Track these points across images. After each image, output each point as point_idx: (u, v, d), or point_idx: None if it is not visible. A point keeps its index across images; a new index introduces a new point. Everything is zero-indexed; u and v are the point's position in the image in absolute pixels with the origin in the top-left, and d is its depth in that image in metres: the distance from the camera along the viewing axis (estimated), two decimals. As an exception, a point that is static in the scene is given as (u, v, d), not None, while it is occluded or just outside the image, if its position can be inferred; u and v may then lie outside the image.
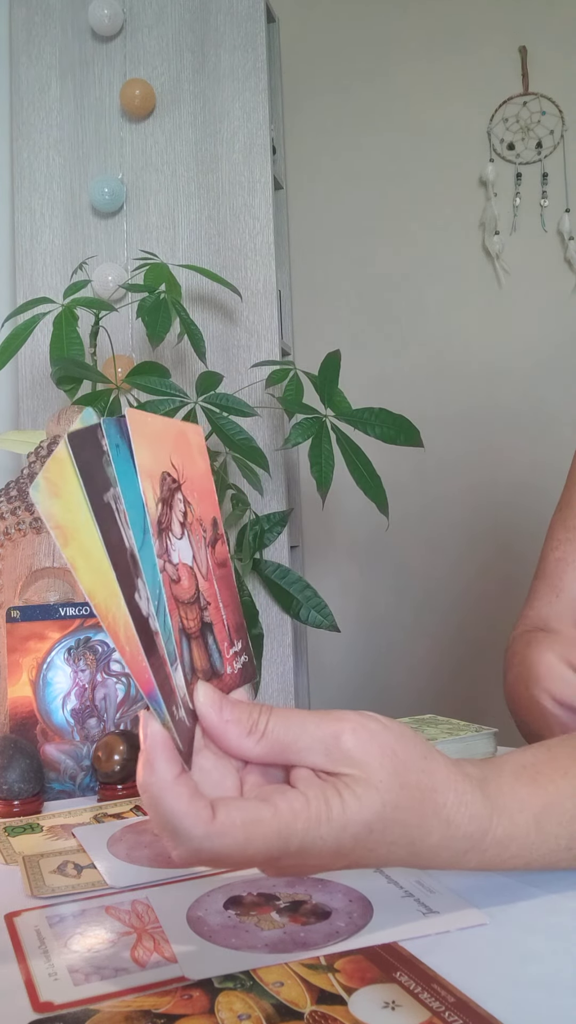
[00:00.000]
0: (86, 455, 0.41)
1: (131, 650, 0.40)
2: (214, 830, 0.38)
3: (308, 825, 0.40)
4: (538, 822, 0.46)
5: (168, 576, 0.42)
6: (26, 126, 2.19)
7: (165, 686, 0.41)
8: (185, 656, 0.43)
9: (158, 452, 0.43)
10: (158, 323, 1.67)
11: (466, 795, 0.44)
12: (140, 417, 0.43)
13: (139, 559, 0.41)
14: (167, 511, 0.43)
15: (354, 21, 2.53)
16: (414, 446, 1.67)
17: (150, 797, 0.39)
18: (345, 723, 0.43)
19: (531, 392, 2.32)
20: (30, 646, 0.80)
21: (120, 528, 0.41)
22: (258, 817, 0.39)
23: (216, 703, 0.42)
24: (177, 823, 0.38)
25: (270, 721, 0.42)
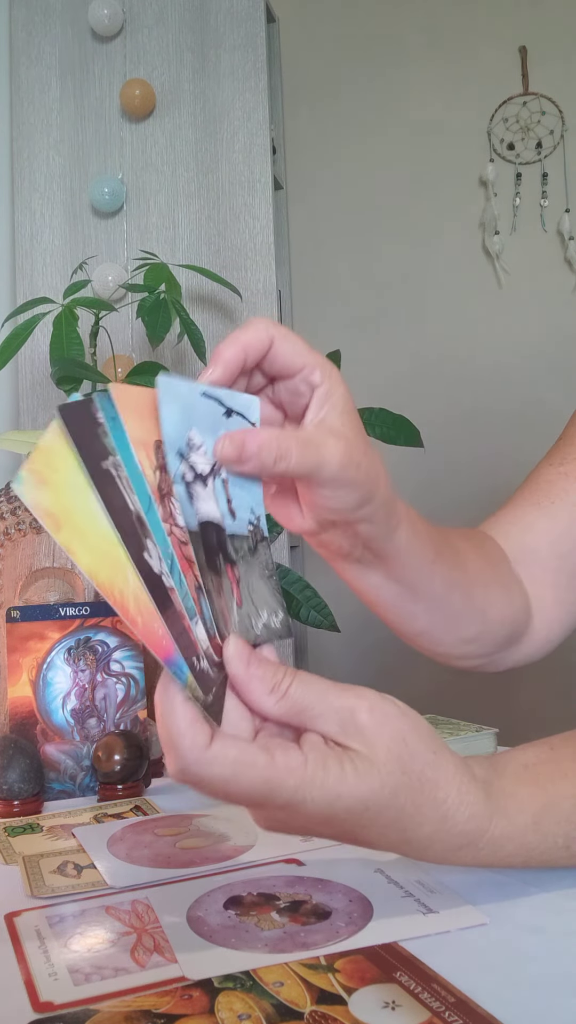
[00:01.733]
0: (79, 426, 0.41)
1: (144, 619, 0.40)
2: (205, 756, 0.40)
3: (299, 784, 0.41)
4: (536, 822, 0.47)
5: (176, 538, 0.43)
6: (26, 126, 2.19)
7: (183, 639, 0.41)
8: (206, 611, 0.43)
9: (148, 422, 0.43)
10: (158, 323, 1.67)
11: (468, 795, 0.45)
12: (125, 390, 0.43)
13: (147, 521, 0.41)
14: (166, 477, 0.43)
15: (354, 21, 2.53)
16: (414, 446, 1.67)
17: (159, 711, 0.41)
18: (364, 700, 0.44)
19: (531, 392, 2.32)
20: (30, 646, 0.80)
21: (124, 493, 0.41)
22: (251, 760, 0.41)
23: (244, 657, 0.43)
24: (176, 740, 0.40)
25: (293, 684, 0.43)
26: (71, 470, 0.41)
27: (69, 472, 0.41)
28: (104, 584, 0.40)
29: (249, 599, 0.47)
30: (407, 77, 2.47)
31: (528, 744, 0.51)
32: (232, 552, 0.46)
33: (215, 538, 0.45)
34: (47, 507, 0.40)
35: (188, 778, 0.41)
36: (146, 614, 0.41)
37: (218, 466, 0.45)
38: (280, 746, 0.42)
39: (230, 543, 0.46)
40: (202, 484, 0.45)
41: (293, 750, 0.42)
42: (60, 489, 0.41)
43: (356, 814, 0.43)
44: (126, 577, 0.41)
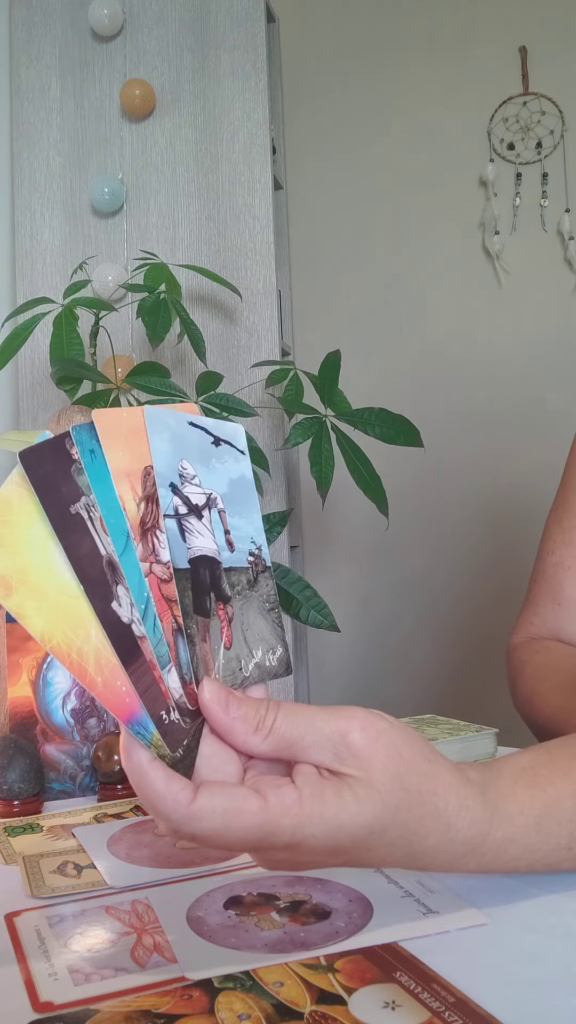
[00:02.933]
0: (45, 470, 0.39)
1: (105, 677, 0.39)
2: (192, 813, 0.39)
3: (297, 822, 0.40)
4: (538, 824, 0.46)
5: (156, 577, 0.41)
6: (26, 126, 2.19)
7: (151, 692, 0.40)
8: (183, 656, 0.42)
9: (136, 446, 0.41)
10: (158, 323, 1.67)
11: (467, 800, 0.44)
12: (110, 416, 0.41)
13: (119, 565, 0.39)
14: (152, 508, 0.41)
15: (354, 21, 2.53)
16: (414, 446, 1.67)
17: (131, 778, 0.40)
18: (353, 721, 0.42)
19: (531, 392, 2.32)
20: (30, 646, 0.80)
21: (94, 537, 0.39)
22: (241, 807, 0.40)
23: (222, 701, 0.42)
24: (157, 804, 0.39)
25: (277, 718, 0.42)
26: (29, 523, 0.39)
27: (27, 525, 0.39)
28: (59, 647, 0.38)
29: (242, 639, 0.45)
30: (407, 77, 2.47)
31: (525, 749, 0.51)
32: (227, 588, 0.44)
33: (207, 575, 0.43)
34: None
35: (182, 837, 0.40)
36: (108, 671, 0.39)
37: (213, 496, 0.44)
38: (271, 784, 0.41)
39: (226, 578, 0.44)
40: (196, 517, 0.43)
41: (286, 787, 0.41)
42: (15, 547, 0.38)
43: (361, 839, 0.42)
44: (88, 634, 0.39)
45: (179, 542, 0.42)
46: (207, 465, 0.44)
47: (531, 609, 0.96)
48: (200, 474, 0.44)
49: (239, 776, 0.43)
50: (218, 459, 0.45)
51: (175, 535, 0.42)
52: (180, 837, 0.41)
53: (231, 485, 0.45)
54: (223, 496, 0.45)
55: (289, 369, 1.79)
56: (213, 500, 0.44)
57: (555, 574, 0.95)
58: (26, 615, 0.38)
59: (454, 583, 2.39)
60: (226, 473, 0.45)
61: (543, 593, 0.95)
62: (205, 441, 0.44)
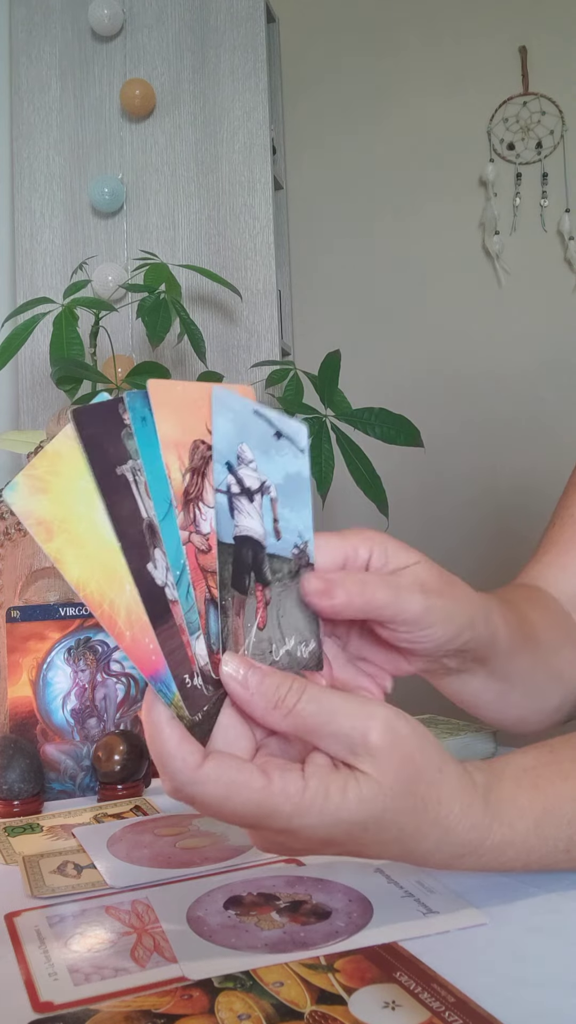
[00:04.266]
0: (95, 429, 0.40)
1: (134, 632, 0.39)
2: (197, 777, 0.40)
3: (296, 811, 0.40)
4: (537, 827, 0.46)
5: (195, 547, 0.42)
6: (26, 126, 2.19)
7: (177, 654, 0.40)
8: (212, 625, 0.42)
9: (188, 420, 0.42)
10: (158, 323, 1.67)
11: (470, 807, 0.44)
12: (165, 387, 0.42)
13: (158, 529, 0.40)
14: (198, 480, 0.42)
15: (354, 21, 2.53)
16: (414, 446, 1.67)
17: (147, 732, 0.41)
18: (376, 720, 0.42)
19: (531, 392, 2.32)
20: (30, 646, 0.80)
21: (137, 499, 0.40)
22: (245, 782, 0.40)
23: (240, 676, 0.42)
24: (165, 760, 0.40)
25: (300, 700, 0.42)
26: (77, 476, 0.40)
27: (74, 477, 0.40)
28: (92, 595, 0.39)
29: (276, 623, 0.45)
30: (407, 77, 2.47)
31: (528, 747, 0.51)
32: (268, 573, 0.45)
33: (250, 555, 0.44)
34: (40, 515, 0.39)
35: (181, 797, 0.41)
36: (137, 627, 0.39)
37: (267, 483, 0.45)
38: (279, 768, 0.41)
39: (268, 563, 0.45)
40: (247, 499, 0.44)
41: (293, 773, 0.41)
42: (60, 495, 0.39)
43: (356, 836, 0.42)
44: (123, 588, 0.39)
45: (227, 518, 0.43)
46: (266, 454, 0.45)
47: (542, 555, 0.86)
48: (258, 461, 0.45)
49: (251, 751, 0.43)
50: (277, 451, 0.46)
51: (224, 510, 0.43)
52: (180, 798, 0.41)
53: (287, 479, 0.46)
54: (277, 487, 0.46)
55: (289, 369, 1.79)
56: (266, 487, 0.45)
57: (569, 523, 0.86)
58: (64, 560, 0.39)
59: (454, 583, 2.39)
60: (284, 466, 0.46)
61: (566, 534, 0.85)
62: (267, 432, 0.46)
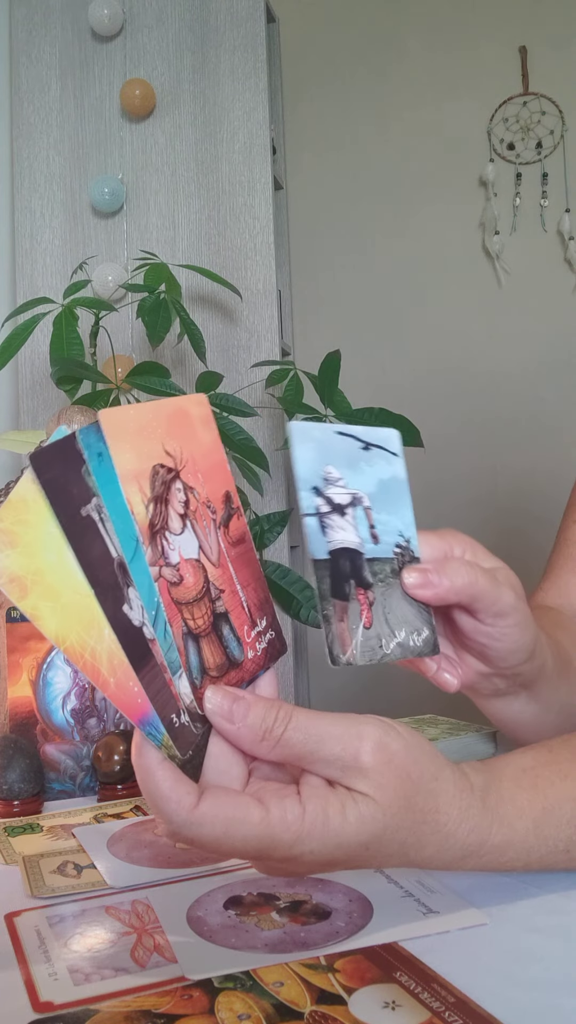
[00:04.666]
0: (54, 471, 0.38)
1: (118, 678, 0.39)
2: (193, 818, 0.39)
3: (297, 838, 0.40)
4: (537, 827, 0.46)
5: (166, 581, 0.41)
6: (26, 126, 2.19)
7: (162, 695, 0.40)
8: (192, 660, 0.42)
9: (144, 446, 0.41)
10: (158, 323, 1.67)
11: (468, 810, 0.44)
12: (117, 415, 0.40)
13: (129, 568, 0.39)
14: (162, 508, 0.42)
15: (354, 21, 2.53)
16: (414, 446, 1.67)
17: (139, 776, 0.40)
18: (366, 741, 0.42)
19: (531, 391, 2.32)
20: (30, 646, 0.80)
21: (105, 539, 0.39)
22: (244, 817, 0.39)
23: (225, 711, 0.41)
24: (160, 804, 0.40)
25: (287, 730, 0.41)
26: (44, 522, 0.38)
27: (42, 524, 0.38)
28: (73, 647, 0.38)
29: (383, 620, 0.48)
30: (407, 77, 2.47)
31: (527, 747, 0.51)
32: (368, 576, 0.48)
33: (348, 565, 0.47)
34: (13, 572, 0.38)
35: (180, 839, 0.40)
36: (120, 672, 0.39)
37: (359, 496, 0.48)
38: (275, 795, 0.41)
39: (368, 567, 0.48)
40: (339, 514, 0.47)
41: (290, 800, 0.40)
42: (30, 547, 0.38)
43: (356, 854, 0.42)
44: (101, 634, 0.39)
45: (319, 537, 0.46)
46: (354, 468, 0.48)
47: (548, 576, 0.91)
48: (347, 476, 0.48)
49: (244, 778, 0.43)
50: (367, 462, 0.49)
51: (315, 530, 0.46)
52: (178, 840, 0.41)
53: (380, 484, 0.50)
54: (372, 495, 0.49)
55: (289, 369, 1.79)
56: (358, 499, 0.48)
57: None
58: (40, 616, 0.38)
59: (454, 583, 2.39)
60: (375, 474, 0.50)
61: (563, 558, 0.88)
62: (354, 447, 0.49)
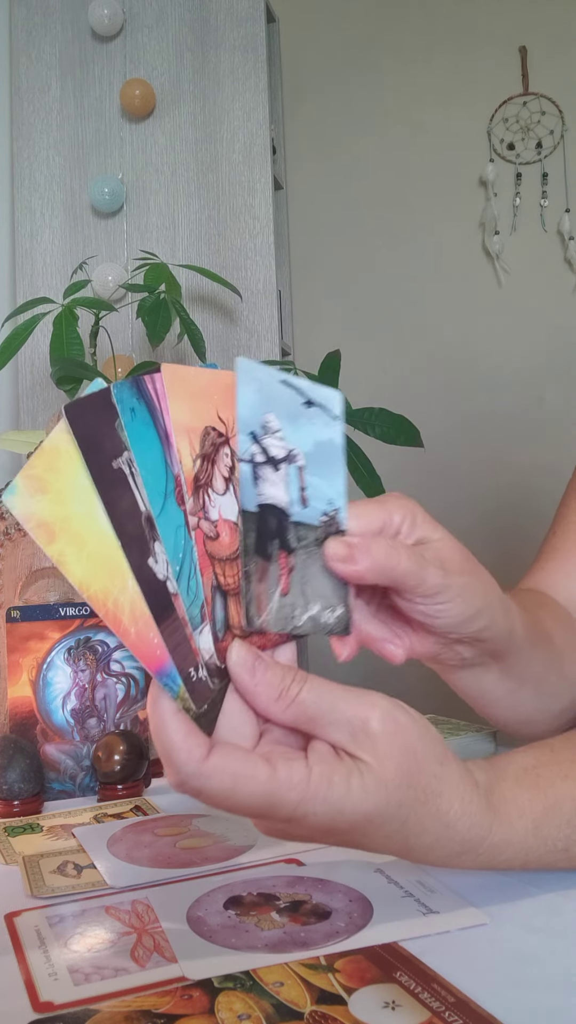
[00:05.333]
0: (88, 422, 0.39)
1: (138, 628, 0.40)
2: (202, 770, 0.40)
3: (301, 799, 0.40)
4: (536, 827, 0.46)
5: (203, 533, 0.42)
6: (26, 126, 2.19)
7: (181, 648, 0.40)
8: (218, 614, 0.42)
9: (199, 407, 0.42)
10: (158, 323, 1.67)
11: (471, 804, 0.45)
12: (178, 372, 0.41)
13: (156, 523, 0.40)
14: (208, 467, 0.42)
15: (354, 21, 2.53)
16: (414, 446, 1.67)
17: (152, 724, 0.40)
18: (376, 709, 0.43)
19: (531, 391, 2.32)
20: (30, 646, 0.80)
21: (134, 492, 0.40)
22: (251, 773, 0.40)
23: (248, 664, 0.42)
24: (171, 754, 0.40)
25: (302, 691, 0.42)
26: (76, 472, 0.39)
27: (73, 474, 0.39)
28: (96, 595, 0.39)
29: (300, 590, 0.46)
30: (407, 77, 2.47)
31: (529, 746, 0.51)
32: (292, 540, 0.45)
33: (274, 523, 0.44)
34: (41, 517, 0.39)
35: (187, 790, 0.41)
36: (141, 623, 0.40)
37: (295, 452, 0.45)
38: (283, 756, 0.41)
39: (293, 530, 0.45)
40: (272, 467, 0.44)
41: (297, 762, 0.41)
42: (61, 494, 0.39)
43: (359, 826, 0.42)
44: (125, 584, 0.39)
45: (250, 487, 0.43)
46: (294, 423, 0.45)
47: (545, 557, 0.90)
48: (286, 431, 0.45)
49: (255, 738, 0.43)
50: (308, 419, 0.46)
51: (248, 479, 0.43)
52: (185, 791, 0.41)
53: (317, 446, 0.46)
54: (307, 455, 0.46)
55: (289, 369, 1.79)
56: (293, 456, 0.45)
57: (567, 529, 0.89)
58: (66, 562, 0.39)
59: (454, 583, 2.39)
60: (313, 434, 0.46)
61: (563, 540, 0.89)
62: (296, 401, 0.46)
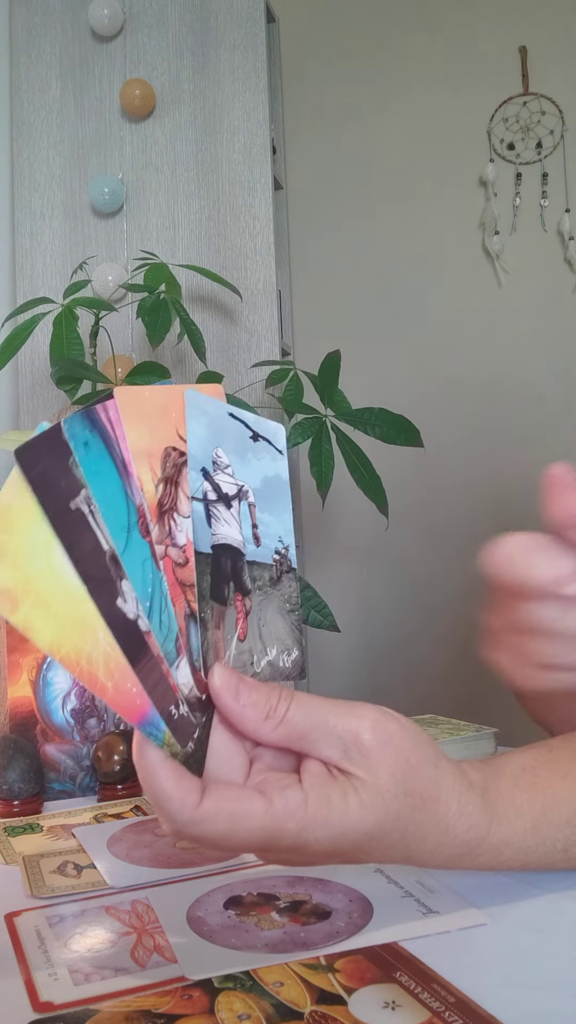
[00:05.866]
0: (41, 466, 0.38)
1: (116, 681, 0.38)
2: (197, 816, 0.39)
3: (302, 826, 0.40)
4: (535, 826, 0.46)
5: (171, 560, 0.41)
6: (26, 126, 2.19)
7: (160, 688, 0.40)
8: (194, 643, 0.41)
9: (158, 427, 0.41)
10: (158, 323, 1.67)
11: (468, 805, 0.44)
12: (133, 394, 0.40)
13: (121, 560, 0.39)
14: (171, 490, 0.41)
15: (354, 21, 2.53)
16: (414, 446, 1.67)
17: (141, 776, 0.40)
18: (365, 720, 0.42)
19: (531, 392, 2.32)
20: (30, 646, 0.80)
21: (95, 531, 0.39)
22: (247, 810, 0.39)
23: (232, 687, 0.41)
24: (164, 804, 0.39)
25: (290, 708, 0.42)
26: (30, 527, 0.38)
27: (28, 531, 0.38)
28: (68, 656, 0.38)
29: (257, 634, 0.44)
30: (407, 77, 2.47)
31: (527, 746, 0.51)
32: (247, 581, 0.44)
33: (229, 565, 0.43)
34: (2, 585, 0.37)
35: (186, 837, 0.40)
36: (118, 674, 0.39)
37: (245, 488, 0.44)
38: (277, 785, 0.41)
39: (248, 571, 0.44)
40: (225, 505, 0.43)
41: (292, 789, 0.40)
42: (17, 557, 0.37)
43: (361, 844, 0.42)
44: (96, 637, 0.38)
45: (204, 526, 0.42)
46: (243, 458, 0.44)
47: None
48: (234, 466, 0.44)
49: (245, 768, 0.43)
50: (255, 454, 0.45)
51: (201, 519, 0.42)
52: (183, 838, 0.41)
53: (265, 482, 0.45)
54: (255, 491, 0.45)
55: (289, 369, 1.79)
56: (244, 492, 0.44)
57: None
58: (33, 627, 0.38)
59: (454, 582, 2.39)
60: (261, 469, 0.45)
61: None
62: (243, 435, 0.44)
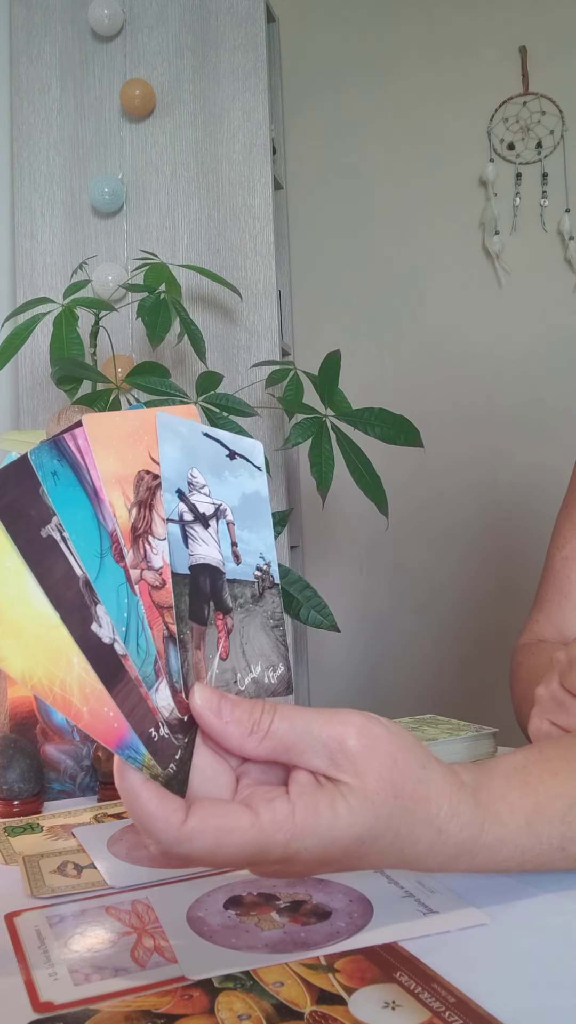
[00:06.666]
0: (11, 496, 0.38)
1: (91, 706, 0.38)
2: (183, 835, 0.39)
3: (290, 836, 0.40)
4: (529, 825, 0.46)
5: (147, 584, 0.41)
6: (26, 126, 2.19)
7: (138, 711, 0.39)
8: (173, 665, 0.41)
9: (129, 452, 0.41)
10: (158, 323, 1.67)
11: (459, 804, 0.44)
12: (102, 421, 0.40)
13: (95, 585, 0.39)
14: (145, 513, 0.41)
15: (354, 21, 2.53)
16: (414, 446, 1.67)
17: (124, 799, 0.40)
18: (350, 727, 0.42)
19: (531, 392, 2.32)
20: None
21: (68, 558, 0.39)
22: (234, 824, 0.39)
23: (214, 706, 0.41)
24: (149, 824, 0.39)
25: (274, 721, 0.41)
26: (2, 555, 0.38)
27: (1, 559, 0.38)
28: (41, 683, 0.38)
29: (240, 652, 0.44)
30: (407, 77, 2.47)
31: (518, 749, 0.51)
32: (227, 599, 0.44)
33: (208, 584, 0.43)
34: None
35: (172, 857, 0.40)
36: (93, 699, 0.38)
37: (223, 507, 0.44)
38: (264, 798, 0.40)
39: (228, 589, 0.44)
40: (202, 525, 0.43)
41: (279, 801, 0.40)
42: None
43: (352, 850, 0.42)
44: (70, 663, 0.38)
45: (181, 548, 0.42)
46: (220, 477, 0.44)
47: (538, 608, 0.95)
48: (211, 485, 0.44)
49: (232, 787, 0.42)
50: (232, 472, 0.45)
51: (177, 540, 0.42)
52: (170, 859, 0.40)
53: (244, 499, 0.45)
54: (234, 509, 0.44)
55: (289, 369, 1.79)
56: (222, 511, 0.44)
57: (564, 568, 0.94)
58: (5, 656, 0.38)
59: (454, 582, 2.39)
60: (239, 487, 0.45)
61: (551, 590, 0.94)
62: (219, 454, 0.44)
